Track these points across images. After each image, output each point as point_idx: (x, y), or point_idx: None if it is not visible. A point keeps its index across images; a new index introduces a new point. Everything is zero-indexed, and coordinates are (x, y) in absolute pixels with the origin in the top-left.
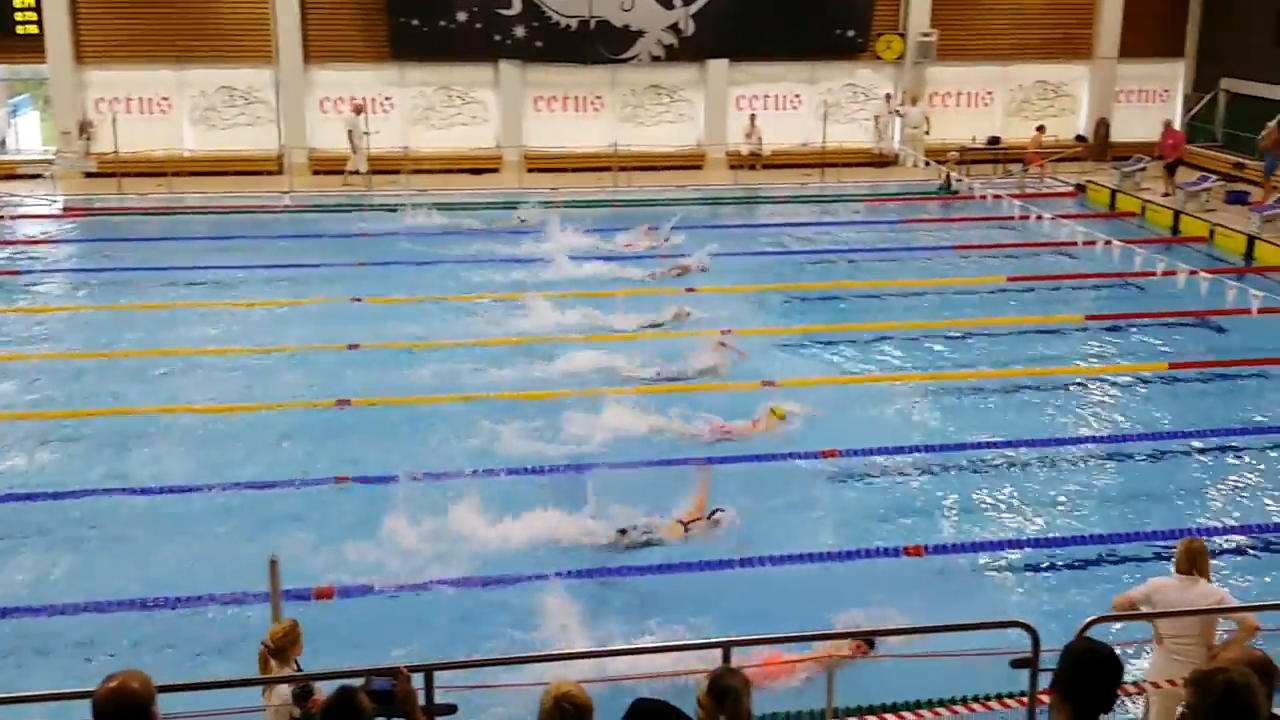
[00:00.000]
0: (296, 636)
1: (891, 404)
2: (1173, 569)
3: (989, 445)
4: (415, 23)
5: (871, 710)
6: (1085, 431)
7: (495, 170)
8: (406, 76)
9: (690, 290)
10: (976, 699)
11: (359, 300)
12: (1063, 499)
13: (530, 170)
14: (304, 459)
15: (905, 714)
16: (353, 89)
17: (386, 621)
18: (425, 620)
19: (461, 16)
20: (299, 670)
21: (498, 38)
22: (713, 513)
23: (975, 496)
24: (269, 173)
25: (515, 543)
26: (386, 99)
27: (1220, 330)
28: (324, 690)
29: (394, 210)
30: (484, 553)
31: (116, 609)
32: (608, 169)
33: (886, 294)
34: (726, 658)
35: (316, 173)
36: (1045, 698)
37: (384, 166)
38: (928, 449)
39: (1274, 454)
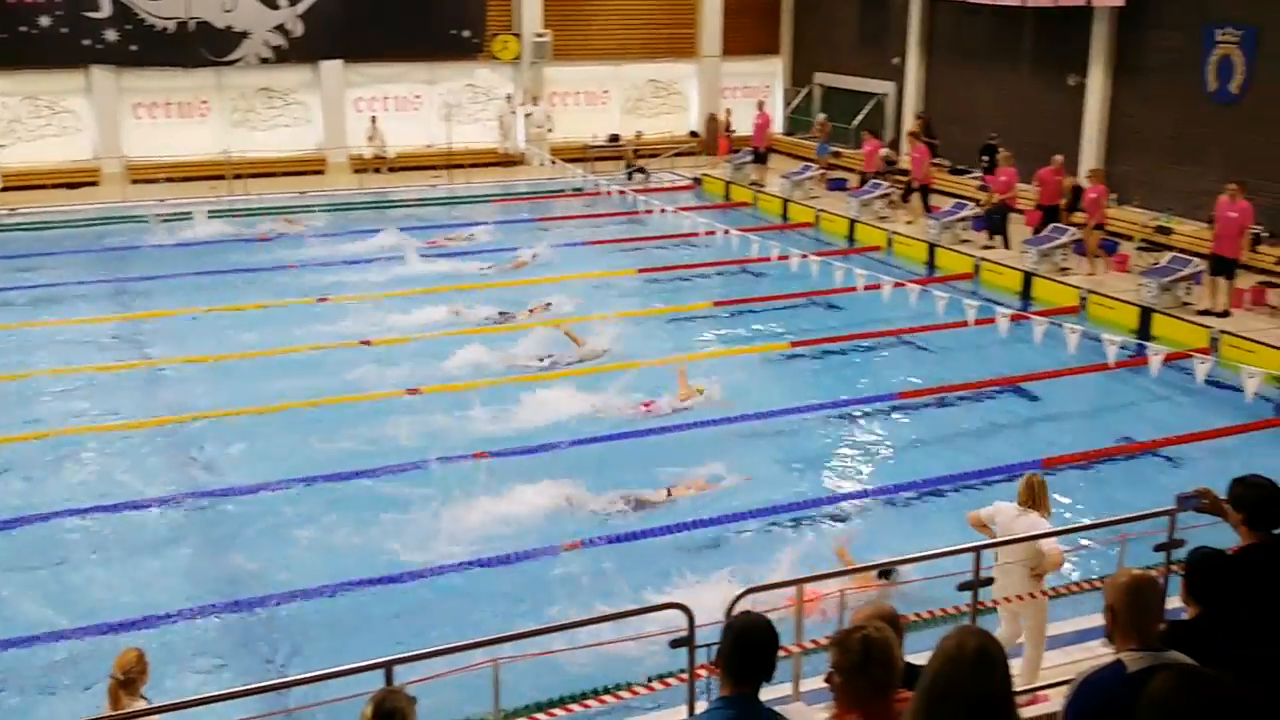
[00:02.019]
0: (145, 666)
1: (540, 397)
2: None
3: (629, 435)
4: None
5: (539, 708)
6: (720, 412)
7: (94, 183)
8: None
9: (324, 300)
10: (640, 683)
11: None
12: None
13: (135, 181)
14: None
15: (572, 706)
16: None
17: (49, 672)
18: (92, 671)
19: (45, 21)
20: (148, 703)
21: (87, 42)
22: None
23: (623, 485)
24: None
25: (180, 579)
26: None
27: (833, 308)
28: None
29: None
30: (145, 591)
31: None
32: (221, 177)
33: (523, 293)
34: (389, 679)
35: None
36: (703, 672)
37: None
38: (576, 442)
39: (892, 416)
